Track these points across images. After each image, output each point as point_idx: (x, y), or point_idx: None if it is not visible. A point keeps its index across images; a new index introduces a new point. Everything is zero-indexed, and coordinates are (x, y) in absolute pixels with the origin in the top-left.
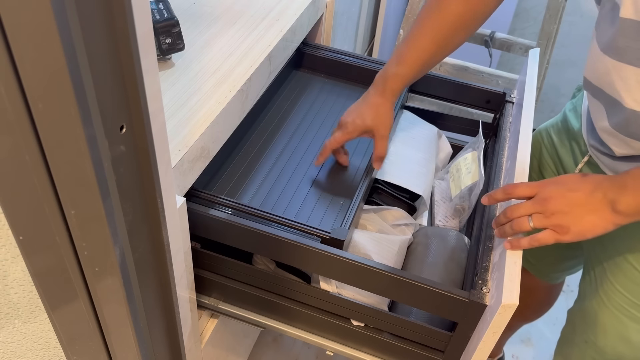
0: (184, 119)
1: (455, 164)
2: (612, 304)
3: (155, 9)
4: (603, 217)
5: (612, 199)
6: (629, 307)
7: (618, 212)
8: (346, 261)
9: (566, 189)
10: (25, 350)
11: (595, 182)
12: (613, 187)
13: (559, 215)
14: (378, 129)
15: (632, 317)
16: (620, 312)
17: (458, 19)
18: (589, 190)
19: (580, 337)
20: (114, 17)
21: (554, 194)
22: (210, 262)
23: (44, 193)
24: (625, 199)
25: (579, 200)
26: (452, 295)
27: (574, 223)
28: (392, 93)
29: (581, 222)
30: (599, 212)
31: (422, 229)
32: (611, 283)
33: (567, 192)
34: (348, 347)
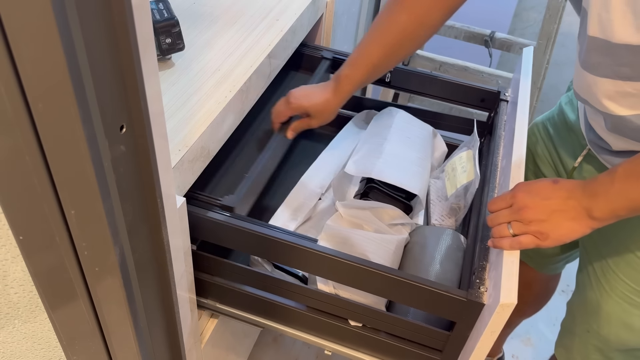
0: (184, 119)
1: (450, 162)
2: (616, 292)
3: (155, 9)
4: (581, 223)
5: (586, 207)
6: (632, 294)
7: (594, 219)
8: (343, 261)
9: (540, 198)
10: (25, 350)
11: (567, 190)
12: (585, 195)
13: (537, 222)
14: (316, 117)
15: (636, 304)
16: (623, 300)
17: (404, 29)
18: (564, 198)
19: (581, 327)
20: (114, 17)
21: (529, 204)
22: (208, 264)
23: (44, 193)
24: (599, 206)
25: (555, 207)
26: (450, 294)
27: (553, 229)
28: (343, 93)
29: (560, 228)
30: (577, 219)
31: (418, 228)
32: (614, 272)
33: (542, 200)
34: (346, 347)
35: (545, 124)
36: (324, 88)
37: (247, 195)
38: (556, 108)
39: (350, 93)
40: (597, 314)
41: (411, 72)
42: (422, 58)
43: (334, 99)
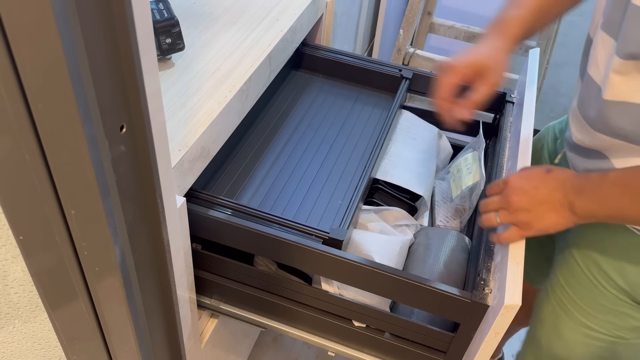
0: (184, 119)
1: (455, 164)
2: (554, 296)
3: (155, 9)
4: (563, 216)
5: (570, 201)
6: (566, 301)
7: (575, 214)
8: (347, 262)
9: (530, 186)
10: (25, 350)
11: (557, 181)
12: (573, 189)
13: (522, 212)
14: (491, 71)
15: (567, 312)
16: (558, 305)
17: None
18: (551, 189)
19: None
20: (114, 17)
21: (518, 192)
22: (211, 263)
23: (44, 193)
24: (581, 203)
25: (541, 198)
26: (454, 296)
27: (536, 220)
28: (512, 38)
29: (542, 220)
30: (559, 212)
31: (423, 230)
32: (556, 275)
33: (531, 189)
34: (350, 348)
35: (555, 129)
36: (485, 40)
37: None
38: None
39: (519, 39)
40: (537, 315)
41: (415, 72)
42: (422, 58)
43: (503, 45)
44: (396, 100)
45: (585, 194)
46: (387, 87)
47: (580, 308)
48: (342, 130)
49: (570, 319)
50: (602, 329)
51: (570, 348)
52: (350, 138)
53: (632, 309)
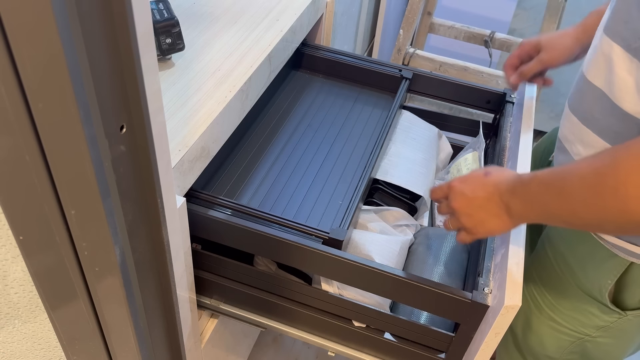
0: (184, 119)
1: (455, 164)
2: (527, 288)
3: (155, 9)
4: (502, 220)
5: (506, 203)
6: (537, 293)
7: (512, 215)
8: (347, 262)
9: (469, 191)
10: (25, 350)
11: (493, 185)
12: (507, 191)
13: (465, 217)
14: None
15: (537, 304)
16: (530, 297)
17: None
18: (488, 193)
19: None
20: (114, 17)
21: (459, 197)
22: (211, 263)
23: (44, 193)
24: (515, 204)
25: (480, 203)
26: (454, 296)
27: (479, 225)
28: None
29: (485, 224)
30: (499, 216)
31: (423, 230)
32: (529, 269)
33: (470, 194)
34: (350, 348)
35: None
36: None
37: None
38: None
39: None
40: None
41: (416, 72)
42: (422, 58)
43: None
44: (396, 100)
45: (517, 195)
46: (387, 87)
47: (549, 301)
48: (342, 130)
49: (539, 312)
50: (568, 324)
51: (541, 340)
52: (350, 138)
53: (595, 308)
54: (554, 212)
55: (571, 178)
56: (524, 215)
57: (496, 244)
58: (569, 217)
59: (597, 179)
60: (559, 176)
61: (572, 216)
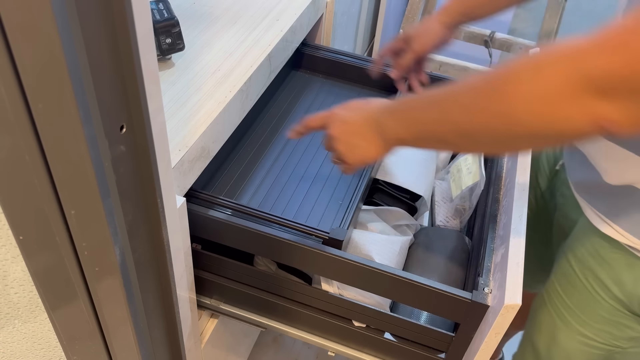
0: (184, 119)
1: (455, 164)
2: (551, 303)
3: (155, 9)
4: (373, 144)
5: (381, 125)
6: (563, 309)
7: (384, 137)
8: (347, 262)
9: (348, 116)
10: (25, 350)
11: (371, 109)
12: (384, 113)
13: (340, 144)
14: (414, 39)
15: (564, 319)
16: (555, 312)
17: None
18: (366, 117)
19: (525, 333)
20: (114, 17)
21: (337, 124)
22: (211, 263)
23: (44, 193)
24: (391, 125)
25: (355, 129)
26: (454, 295)
27: (351, 151)
28: (447, 10)
29: (356, 151)
30: (370, 139)
31: (423, 230)
32: (553, 282)
33: (348, 119)
34: (350, 348)
35: None
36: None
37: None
38: None
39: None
40: (534, 321)
41: None
42: None
43: (435, 15)
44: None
45: (394, 115)
46: (387, 87)
47: (577, 317)
48: None
49: (567, 327)
50: (599, 338)
51: (568, 355)
52: None
53: (629, 320)
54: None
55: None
56: (397, 133)
57: (496, 244)
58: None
59: (485, 83)
60: (444, 89)
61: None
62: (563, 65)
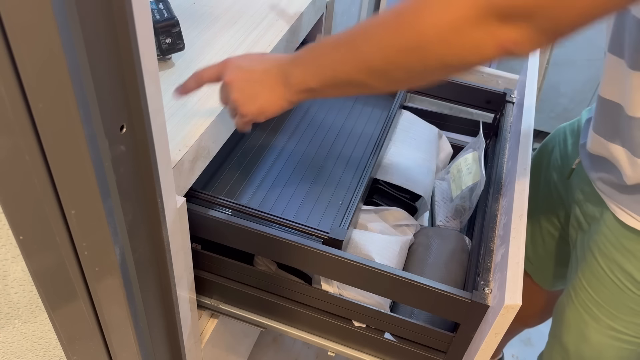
0: (184, 119)
1: (455, 164)
2: (578, 300)
3: (155, 9)
4: (276, 93)
5: (284, 72)
6: (591, 304)
7: (289, 86)
8: (347, 262)
9: (246, 65)
10: (25, 350)
11: (274, 58)
12: (289, 61)
13: (238, 92)
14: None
15: (593, 315)
16: (583, 308)
17: None
18: (267, 66)
19: (550, 333)
20: (114, 17)
21: (234, 71)
22: (211, 263)
23: (44, 193)
24: (295, 72)
25: (256, 77)
26: (454, 295)
27: (250, 100)
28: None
29: (256, 100)
30: (273, 88)
31: (423, 230)
32: (579, 279)
33: (247, 67)
34: (349, 348)
35: (566, 130)
36: None
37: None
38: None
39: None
40: (561, 319)
41: None
42: None
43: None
44: (396, 100)
45: (299, 61)
46: None
47: (606, 311)
48: (342, 130)
49: (596, 323)
50: (629, 331)
51: (599, 351)
52: (350, 138)
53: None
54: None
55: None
56: (304, 81)
57: (496, 244)
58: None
59: (395, 17)
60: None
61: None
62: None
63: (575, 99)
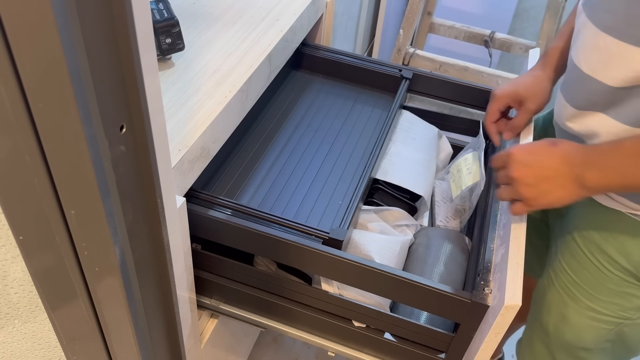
0: (184, 119)
1: (455, 164)
2: (558, 282)
3: (155, 9)
4: (570, 191)
5: (578, 174)
6: (571, 285)
7: (584, 188)
8: (347, 262)
9: (534, 160)
10: (25, 350)
11: (564, 154)
12: (581, 162)
13: (526, 187)
14: (527, 99)
15: (572, 296)
16: (563, 290)
17: None
18: (557, 164)
19: (531, 316)
20: (114, 17)
21: (521, 167)
22: (211, 263)
23: (44, 193)
24: (592, 176)
25: (546, 173)
26: (454, 296)
27: (541, 196)
28: (551, 66)
29: (547, 195)
30: (566, 187)
31: (423, 230)
32: (559, 261)
33: (535, 164)
34: (350, 348)
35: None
36: (530, 70)
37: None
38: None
39: (559, 66)
40: (542, 302)
41: (416, 72)
42: (422, 58)
43: (543, 72)
44: (396, 100)
45: (596, 166)
46: (387, 87)
47: (585, 292)
48: (342, 130)
49: (575, 304)
50: (608, 311)
51: (578, 332)
52: (350, 138)
53: (637, 289)
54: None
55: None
56: (604, 186)
57: (496, 244)
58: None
59: None
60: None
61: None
62: None
63: None
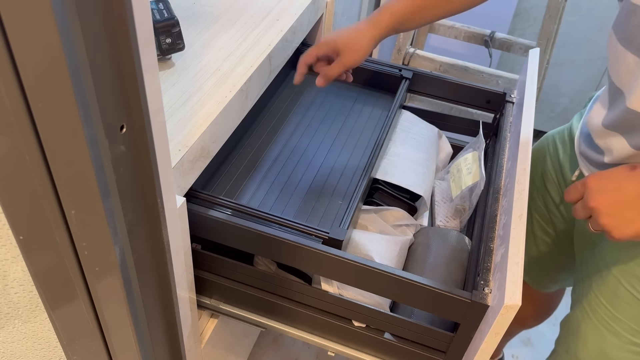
0: (184, 119)
1: (455, 164)
2: (596, 316)
3: (155, 9)
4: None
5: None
6: (611, 320)
7: None
8: (347, 262)
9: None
10: (25, 350)
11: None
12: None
13: (607, 218)
14: (345, 53)
15: (613, 331)
16: (602, 324)
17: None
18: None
19: (562, 347)
20: (114, 17)
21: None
22: (211, 263)
23: (44, 193)
24: None
25: (626, 201)
26: (454, 295)
27: (626, 225)
28: (379, 25)
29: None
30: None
31: (423, 230)
32: (595, 295)
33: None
34: (349, 348)
35: (555, 139)
36: (357, 23)
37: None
38: (568, 124)
39: (387, 28)
40: (576, 335)
41: (416, 72)
42: (422, 58)
43: (367, 29)
44: (396, 100)
45: None
46: (387, 87)
47: (628, 326)
48: (342, 130)
49: (617, 339)
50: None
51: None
52: (350, 138)
53: None
54: None
55: None
56: None
57: (496, 244)
58: None
59: None
60: None
61: None
62: None
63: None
